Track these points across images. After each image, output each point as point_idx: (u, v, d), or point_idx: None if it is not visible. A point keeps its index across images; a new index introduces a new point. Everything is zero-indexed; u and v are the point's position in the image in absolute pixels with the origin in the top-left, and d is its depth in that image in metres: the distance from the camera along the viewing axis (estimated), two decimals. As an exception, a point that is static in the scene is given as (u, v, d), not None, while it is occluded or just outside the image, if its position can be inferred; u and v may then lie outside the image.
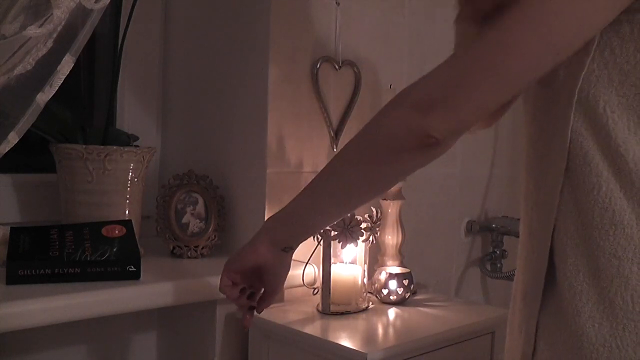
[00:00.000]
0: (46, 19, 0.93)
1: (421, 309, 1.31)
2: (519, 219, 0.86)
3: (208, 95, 1.45)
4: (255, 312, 1.02)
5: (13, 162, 1.16)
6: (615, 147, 0.73)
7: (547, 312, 0.78)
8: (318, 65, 1.36)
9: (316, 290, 1.25)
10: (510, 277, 1.65)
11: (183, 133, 1.51)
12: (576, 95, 0.73)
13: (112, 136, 1.28)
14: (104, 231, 1.13)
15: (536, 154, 0.80)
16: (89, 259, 1.06)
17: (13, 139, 0.99)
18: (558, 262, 0.76)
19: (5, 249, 1.07)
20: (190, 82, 1.49)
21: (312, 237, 1.24)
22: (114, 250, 1.09)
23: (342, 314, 1.22)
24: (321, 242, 1.23)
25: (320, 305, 1.23)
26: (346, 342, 1.08)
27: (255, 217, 1.32)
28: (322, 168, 0.90)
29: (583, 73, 0.73)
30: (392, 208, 1.38)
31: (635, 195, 0.72)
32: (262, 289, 1.00)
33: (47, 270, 1.04)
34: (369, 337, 1.16)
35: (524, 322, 0.81)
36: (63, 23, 0.95)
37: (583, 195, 0.74)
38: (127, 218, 1.21)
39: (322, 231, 1.22)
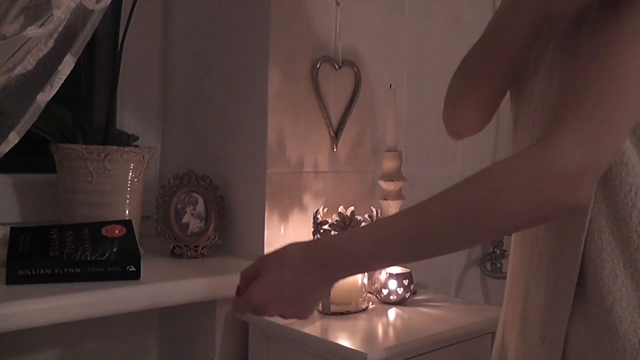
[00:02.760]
0: (46, 19, 0.93)
1: (421, 309, 1.31)
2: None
3: (208, 96, 1.45)
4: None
5: (13, 162, 1.16)
6: None
7: (579, 319, 0.75)
8: (318, 65, 1.36)
9: (316, 290, 1.24)
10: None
11: (183, 133, 1.51)
12: None
13: (112, 136, 1.28)
14: (104, 231, 1.13)
15: None
16: (89, 259, 1.06)
17: (13, 138, 0.99)
18: (592, 267, 0.74)
19: (5, 249, 1.07)
20: (190, 82, 1.49)
21: (312, 237, 1.24)
22: (114, 250, 1.09)
23: (342, 314, 1.22)
24: (321, 242, 1.23)
25: (320, 305, 1.23)
26: (346, 342, 1.08)
27: (255, 217, 1.32)
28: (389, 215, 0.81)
29: None
30: (392, 208, 1.38)
31: None
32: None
33: (47, 270, 1.04)
34: (369, 337, 1.16)
35: (548, 331, 0.78)
36: (64, 23, 0.95)
37: (620, 197, 0.72)
38: (127, 218, 1.21)
39: (322, 231, 1.22)
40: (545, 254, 0.80)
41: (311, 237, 1.24)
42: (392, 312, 1.27)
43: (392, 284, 1.31)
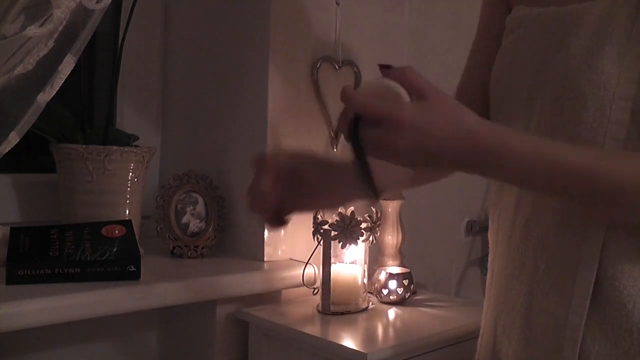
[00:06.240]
0: (46, 19, 0.93)
1: (421, 309, 1.31)
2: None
3: (208, 95, 1.45)
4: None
5: (13, 162, 1.16)
6: None
7: (595, 324, 0.75)
8: (318, 65, 1.36)
9: (316, 290, 1.25)
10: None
11: (183, 133, 1.51)
12: None
13: (112, 136, 1.28)
14: (104, 231, 1.13)
15: None
16: (88, 259, 1.06)
17: (14, 139, 0.99)
18: (610, 272, 0.74)
19: (5, 249, 1.07)
20: (190, 82, 1.49)
21: (312, 237, 1.24)
22: (114, 250, 1.09)
23: (342, 314, 1.22)
24: (321, 242, 1.23)
25: (320, 305, 1.23)
26: (346, 342, 1.08)
27: (255, 217, 1.32)
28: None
29: None
30: (392, 208, 1.39)
31: None
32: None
33: (47, 270, 1.04)
34: (369, 337, 1.16)
35: (563, 337, 0.76)
36: (64, 23, 0.95)
37: None
38: (127, 218, 1.21)
39: (322, 231, 1.22)
40: (558, 259, 0.78)
41: (311, 237, 1.24)
42: (392, 312, 1.27)
43: (392, 284, 1.31)
